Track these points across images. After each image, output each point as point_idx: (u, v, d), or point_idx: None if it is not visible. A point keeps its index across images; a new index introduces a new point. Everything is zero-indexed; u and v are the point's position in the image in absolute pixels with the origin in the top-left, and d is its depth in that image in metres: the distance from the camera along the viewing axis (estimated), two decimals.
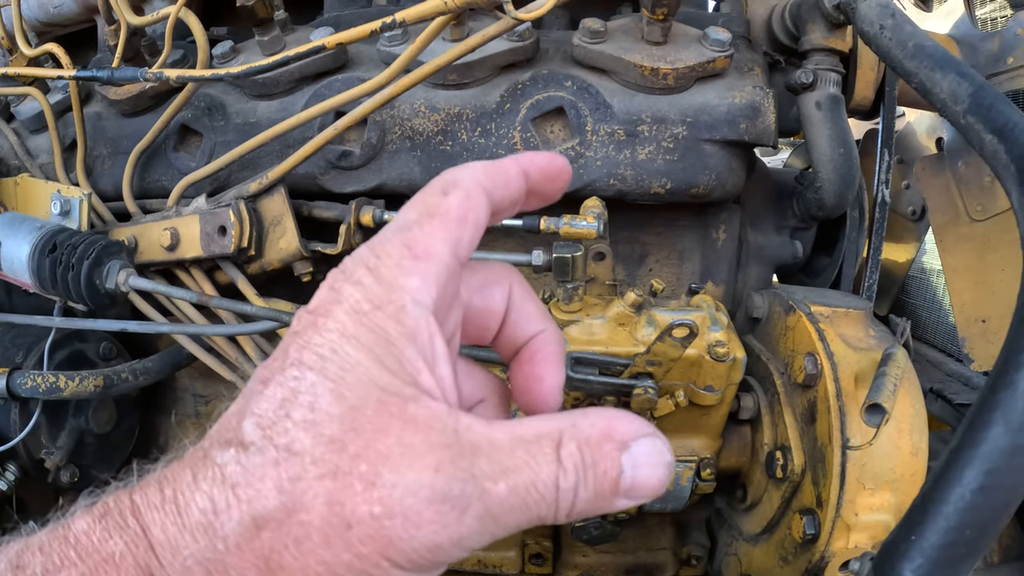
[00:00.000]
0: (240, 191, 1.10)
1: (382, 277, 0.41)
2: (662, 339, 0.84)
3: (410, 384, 0.39)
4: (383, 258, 0.42)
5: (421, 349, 0.40)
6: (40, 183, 1.22)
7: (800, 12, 1.20)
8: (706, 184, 1.09)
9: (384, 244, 0.42)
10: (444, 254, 0.42)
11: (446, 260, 0.42)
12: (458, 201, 0.43)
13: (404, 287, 0.41)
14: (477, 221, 0.44)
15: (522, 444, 0.39)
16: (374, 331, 0.39)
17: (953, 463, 0.59)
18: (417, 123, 1.10)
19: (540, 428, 0.40)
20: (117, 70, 1.12)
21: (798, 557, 0.99)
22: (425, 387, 0.40)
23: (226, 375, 1.18)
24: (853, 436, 0.91)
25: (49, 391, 1.12)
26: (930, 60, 0.84)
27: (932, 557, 0.59)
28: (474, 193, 0.44)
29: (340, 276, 0.42)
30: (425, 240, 0.42)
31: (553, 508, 0.39)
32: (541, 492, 0.39)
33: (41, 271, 1.07)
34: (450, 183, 0.44)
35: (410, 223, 0.43)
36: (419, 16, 0.92)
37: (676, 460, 1.02)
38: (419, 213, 0.43)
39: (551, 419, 0.41)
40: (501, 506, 0.38)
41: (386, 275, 0.41)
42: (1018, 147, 0.68)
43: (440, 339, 0.41)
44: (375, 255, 0.42)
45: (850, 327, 1.00)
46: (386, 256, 0.42)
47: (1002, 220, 1.44)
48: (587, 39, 1.08)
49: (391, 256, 0.42)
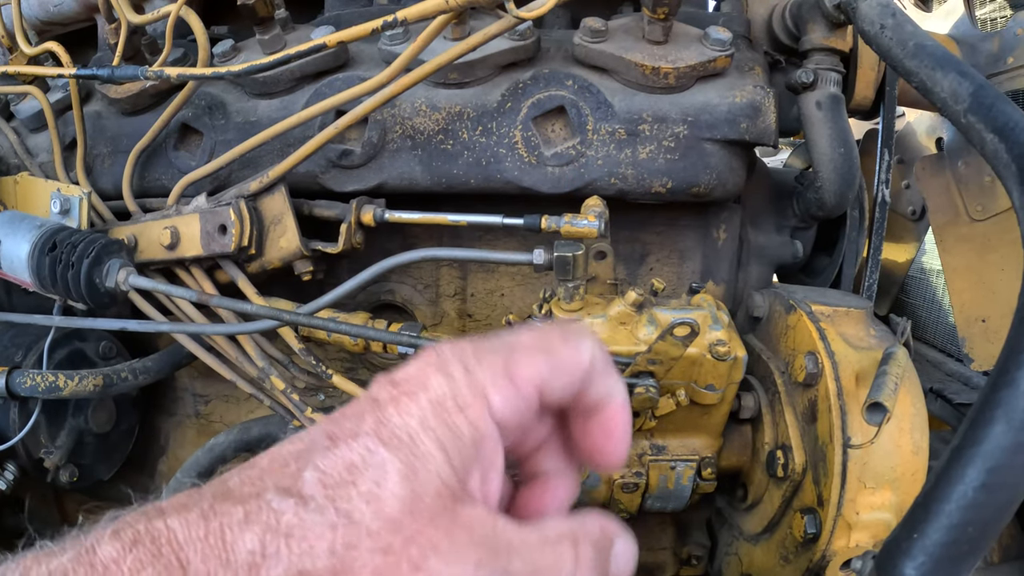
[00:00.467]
0: (240, 190, 1.10)
1: (474, 382, 0.44)
2: (663, 338, 0.84)
3: (462, 484, 0.42)
4: (482, 365, 0.45)
5: (482, 458, 0.44)
6: (40, 182, 1.22)
7: (801, 12, 1.20)
8: (707, 183, 1.09)
9: (488, 353, 0.46)
10: (531, 389, 0.45)
11: (530, 395, 0.45)
12: (570, 353, 0.47)
13: (490, 399, 0.44)
14: (572, 378, 0.47)
15: (549, 544, 0.44)
16: (451, 429, 0.42)
17: (955, 461, 0.59)
18: (418, 122, 1.10)
19: (561, 529, 0.45)
20: (117, 68, 1.12)
21: (799, 556, 0.99)
22: (473, 490, 0.43)
23: (226, 374, 1.17)
24: (854, 435, 0.91)
25: (48, 390, 1.12)
26: (931, 59, 0.84)
27: (934, 555, 0.59)
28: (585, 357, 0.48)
29: (434, 360, 0.45)
30: (525, 371, 0.45)
31: None
32: None
33: (41, 270, 1.07)
34: (574, 334, 0.48)
35: (520, 346, 0.47)
36: (420, 15, 0.92)
37: (677, 459, 1.02)
38: (534, 342, 0.47)
39: (566, 521, 0.46)
40: None
41: (478, 382, 0.44)
42: (1019, 146, 0.68)
43: (500, 453, 0.45)
44: (476, 358, 0.45)
45: (851, 326, 1.00)
46: (486, 366, 0.45)
47: (1002, 220, 1.44)
48: (588, 38, 1.08)
49: (490, 368, 0.45)
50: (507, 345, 0.47)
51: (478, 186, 1.11)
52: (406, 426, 0.42)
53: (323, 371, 1.10)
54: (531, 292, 1.25)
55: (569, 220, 0.97)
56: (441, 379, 0.44)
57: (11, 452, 1.17)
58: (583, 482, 1.03)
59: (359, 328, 1.00)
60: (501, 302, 1.26)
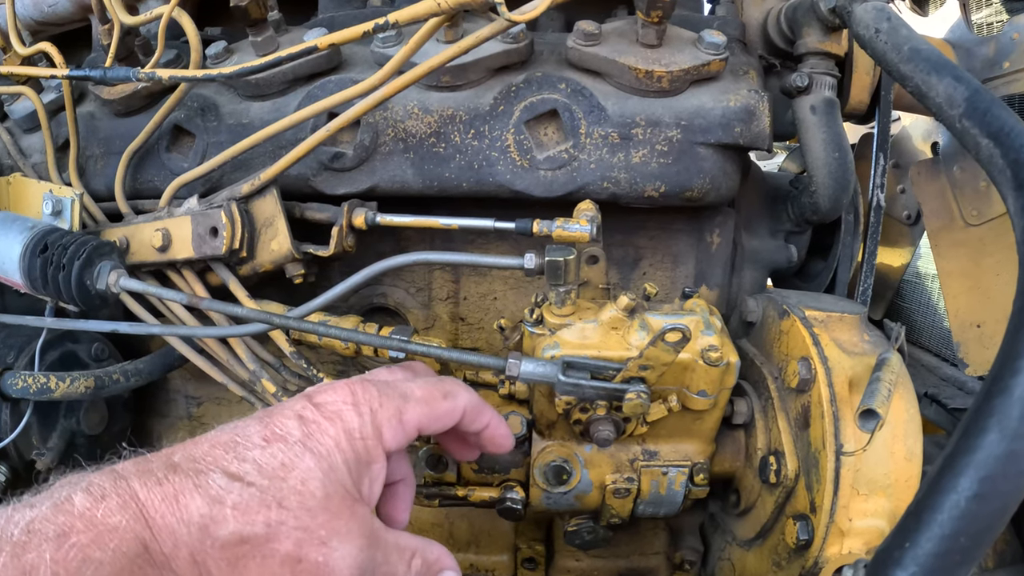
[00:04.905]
0: (232, 192, 1.10)
1: (376, 422, 0.64)
2: (655, 343, 0.83)
3: (357, 490, 0.61)
4: (383, 409, 0.65)
5: (371, 473, 0.63)
6: (32, 183, 1.21)
7: (796, 15, 1.19)
8: (700, 188, 1.09)
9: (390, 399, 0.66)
10: (413, 430, 0.67)
11: (411, 433, 0.67)
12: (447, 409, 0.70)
13: (383, 436, 0.64)
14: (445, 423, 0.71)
15: (398, 549, 0.64)
16: (356, 452, 0.62)
17: (948, 470, 0.59)
18: (410, 125, 1.10)
19: (410, 543, 0.66)
20: (110, 70, 1.11)
21: (791, 563, 0.99)
22: (364, 496, 0.63)
23: (217, 377, 1.17)
24: (847, 441, 0.91)
25: (40, 392, 1.12)
26: (926, 64, 0.84)
27: (926, 565, 0.58)
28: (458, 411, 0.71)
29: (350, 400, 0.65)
30: (411, 418, 0.66)
31: None
32: None
33: (32, 271, 1.06)
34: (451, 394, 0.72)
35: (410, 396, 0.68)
36: (413, 17, 0.92)
37: (669, 465, 1.02)
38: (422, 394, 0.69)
39: (414, 539, 0.67)
40: None
41: (378, 422, 0.64)
42: (1014, 151, 0.68)
43: (384, 472, 0.65)
44: (379, 403, 0.65)
45: (844, 332, 1.00)
46: (385, 410, 0.65)
47: (997, 225, 1.44)
48: (581, 41, 1.08)
49: (387, 412, 0.65)
50: (403, 395, 0.67)
51: (470, 189, 1.10)
52: (326, 444, 0.60)
53: (314, 374, 1.10)
54: (523, 296, 1.24)
55: (561, 224, 0.96)
56: (354, 415, 0.63)
57: (2, 454, 1.16)
58: (575, 487, 1.02)
59: (350, 332, 0.99)
60: (494, 306, 1.26)
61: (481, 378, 1.12)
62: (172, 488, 0.54)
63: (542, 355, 0.91)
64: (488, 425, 0.76)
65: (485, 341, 1.28)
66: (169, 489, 0.54)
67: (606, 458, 1.02)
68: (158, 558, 0.52)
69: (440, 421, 0.70)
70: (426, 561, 0.67)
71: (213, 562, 0.53)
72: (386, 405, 0.65)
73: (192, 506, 0.53)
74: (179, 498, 0.54)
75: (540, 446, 1.02)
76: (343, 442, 0.61)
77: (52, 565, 0.48)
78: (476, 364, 0.91)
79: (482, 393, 1.12)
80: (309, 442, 0.59)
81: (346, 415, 0.62)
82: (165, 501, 0.53)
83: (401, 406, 0.66)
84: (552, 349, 0.91)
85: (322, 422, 0.61)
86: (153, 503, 0.53)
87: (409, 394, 0.68)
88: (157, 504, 0.53)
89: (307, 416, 0.62)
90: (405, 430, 0.66)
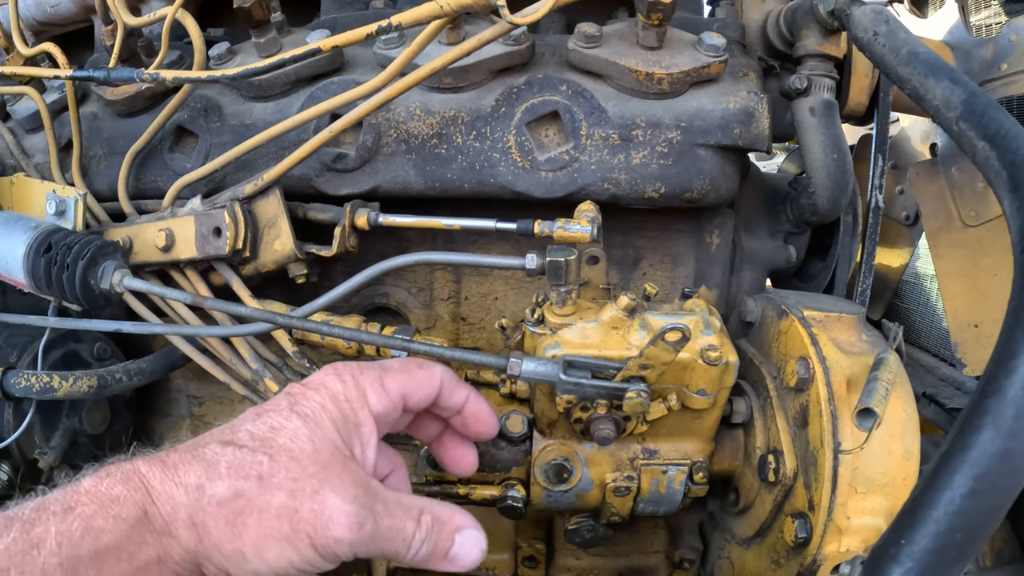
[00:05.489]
0: (235, 192, 1.10)
1: (359, 386, 0.67)
2: (655, 343, 0.84)
3: (348, 449, 0.63)
4: (365, 375, 0.68)
5: (361, 436, 0.65)
6: (36, 183, 1.22)
7: (795, 18, 1.20)
8: (700, 189, 1.09)
9: (371, 368, 0.69)
10: (397, 396, 0.69)
11: (396, 399, 0.69)
12: (425, 376, 0.72)
13: (367, 398, 0.67)
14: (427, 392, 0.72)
15: (402, 505, 0.63)
16: (342, 412, 0.64)
17: (943, 468, 0.59)
18: (412, 126, 1.10)
19: (414, 501, 0.65)
20: (113, 70, 1.12)
21: (790, 561, 0.99)
22: (356, 456, 0.64)
23: (220, 376, 1.18)
24: (845, 440, 0.92)
25: (43, 391, 1.12)
26: (923, 66, 0.85)
27: (922, 561, 0.59)
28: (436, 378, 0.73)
29: (332, 371, 0.68)
30: (392, 384, 0.69)
31: (406, 547, 0.62)
32: (403, 534, 0.62)
33: (36, 271, 1.07)
34: (427, 364, 0.74)
35: (391, 367, 0.71)
36: (415, 19, 0.92)
37: (669, 463, 1.02)
38: (399, 365, 0.71)
39: (422, 499, 0.66)
40: (381, 532, 0.60)
41: (361, 386, 0.67)
42: (1010, 154, 0.68)
43: (375, 435, 0.66)
44: (361, 371, 0.68)
45: (843, 332, 1.01)
46: (367, 376, 0.68)
47: (995, 226, 1.45)
48: (582, 43, 1.09)
49: (369, 378, 0.68)
50: (382, 366, 0.70)
51: (472, 190, 1.11)
52: (312, 407, 0.63)
53: None
54: (524, 296, 1.25)
55: (562, 225, 0.97)
56: (336, 381, 0.66)
57: (5, 453, 1.17)
58: (576, 486, 1.03)
59: (353, 331, 1.00)
60: (495, 306, 1.27)
61: (482, 377, 1.13)
62: (172, 461, 0.58)
63: (543, 354, 0.92)
64: (468, 400, 0.77)
65: (486, 341, 1.29)
66: (169, 462, 0.58)
67: (606, 457, 1.02)
68: (157, 522, 0.55)
69: (421, 389, 0.72)
70: (438, 518, 0.65)
71: (212, 521, 0.56)
72: (367, 372, 0.68)
73: (190, 472, 0.57)
74: (178, 468, 0.57)
75: (541, 445, 1.03)
76: (328, 404, 0.64)
77: (57, 536, 0.51)
78: (478, 363, 0.92)
79: (483, 392, 1.13)
80: (296, 407, 0.63)
81: (329, 382, 0.66)
82: (165, 471, 0.57)
83: (382, 374, 0.69)
84: (553, 348, 0.92)
85: (307, 391, 0.65)
86: (154, 474, 0.57)
87: (388, 366, 0.71)
88: (157, 474, 0.57)
89: (294, 391, 0.66)
90: (389, 395, 0.68)
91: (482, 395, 0.81)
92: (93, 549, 0.52)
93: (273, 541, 0.56)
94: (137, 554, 0.54)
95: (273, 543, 0.56)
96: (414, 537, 0.62)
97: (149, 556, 0.55)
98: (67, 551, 0.51)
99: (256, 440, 0.59)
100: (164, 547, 0.55)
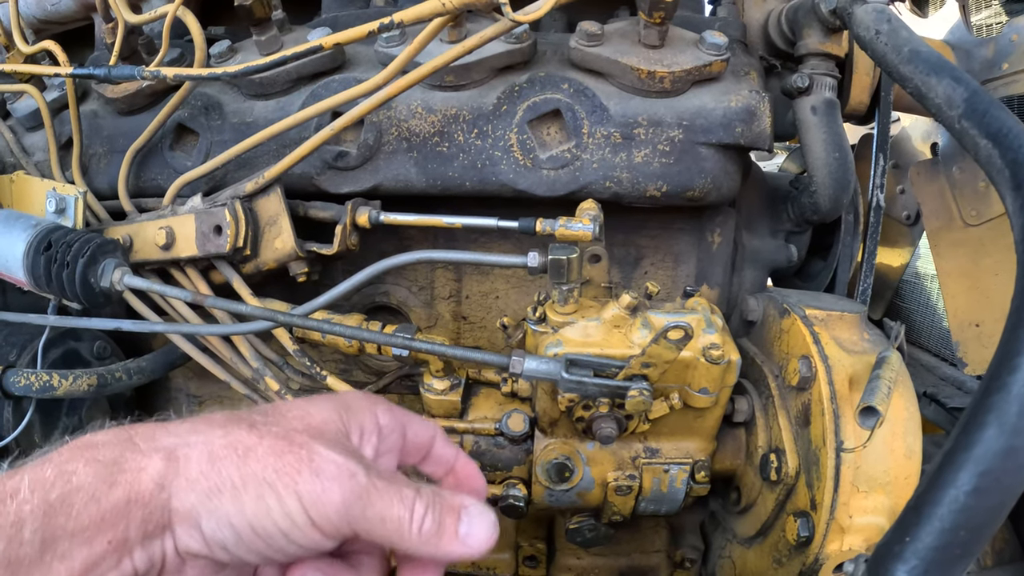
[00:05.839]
0: (236, 191, 1.10)
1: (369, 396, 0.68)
2: (657, 341, 0.84)
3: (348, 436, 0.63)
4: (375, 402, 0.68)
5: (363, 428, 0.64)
6: (36, 181, 1.22)
7: (796, 17, 1.20)
8: (702, 187, 1.09)
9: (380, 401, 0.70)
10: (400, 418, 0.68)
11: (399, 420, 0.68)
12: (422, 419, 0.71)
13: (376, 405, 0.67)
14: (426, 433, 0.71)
15: (399, 478, 0.59)
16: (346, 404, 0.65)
17: (947, 465, 0.59)
18: (414, 124, 1.10)
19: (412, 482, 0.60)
20: (114, 68, 1.11)
21: (792, 560, 0.99)
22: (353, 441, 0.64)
23: (220, 375, 1.17)
24: (847, 439, 0.92)
25: (43, 390, 1.12)
26: (925, 65, 0.85)
27: (926, 558, 0.59)
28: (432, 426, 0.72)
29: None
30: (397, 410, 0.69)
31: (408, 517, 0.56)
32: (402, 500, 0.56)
33: (36, 269, 1.06)
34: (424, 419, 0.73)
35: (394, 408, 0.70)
36: (417, 17, 0.92)
37: (670, 462, 1.02)
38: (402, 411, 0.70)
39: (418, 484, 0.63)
40: (378, 498, 0.55)
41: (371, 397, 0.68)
42: (1012, 152, 0.68)
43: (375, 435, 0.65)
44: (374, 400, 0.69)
45: (845, 330, 1.01)
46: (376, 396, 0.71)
47: (996, 225, 1.45)
48: (584, 42, 1.08)
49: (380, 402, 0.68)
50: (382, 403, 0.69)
51: (473, 188, 1.11)
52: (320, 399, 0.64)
53: (317, 372, 1.10)
54: (526, 295, 1.25)
55: (564, 223, 0.97)
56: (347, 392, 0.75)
57: (5, 451, 1.17)
58: (577, 484, 1.03)
59: (354, 330, 1.00)
60: (496, 304, 1.27)
61: (484, 376, 1.13)
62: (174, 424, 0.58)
63: (545, 353, 0.92)
64: (459, 456, 0.73)
65: (487, 340, 1.29)
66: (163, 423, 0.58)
67: (608, 455, 1.02)
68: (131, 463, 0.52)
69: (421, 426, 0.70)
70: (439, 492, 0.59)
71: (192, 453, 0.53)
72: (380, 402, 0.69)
73: (183, 425, 0.57)
74: (170, 423, 0.58)
75: (542, 444, 1.03)
76: (335, 397, 0.66)
77: (30, 484, 0.50)
78: (479, 361, 0.92)
79: (485, 391, 1.13)
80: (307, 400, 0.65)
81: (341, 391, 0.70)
82: (156, 425, 0.57)
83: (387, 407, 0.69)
84: (555, 347, 0.91)
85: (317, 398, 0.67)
86: (143, 426, 0.56)
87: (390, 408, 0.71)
88: (147, 426, 0.56)
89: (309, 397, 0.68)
90: (393, 414, 0.67)
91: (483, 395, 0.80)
92: (64, 492, 0.50)
93: (253, 482, 0.52)
94: (107, 495, 0.50)
95: (253, 484, 0.52)
96: (414, 507, 0.56)
97: (118, 497, 0.50)
98: (39, 496, 0.49)
99: (268, 418, 0.59)
100: (132, 484, 0.51)
